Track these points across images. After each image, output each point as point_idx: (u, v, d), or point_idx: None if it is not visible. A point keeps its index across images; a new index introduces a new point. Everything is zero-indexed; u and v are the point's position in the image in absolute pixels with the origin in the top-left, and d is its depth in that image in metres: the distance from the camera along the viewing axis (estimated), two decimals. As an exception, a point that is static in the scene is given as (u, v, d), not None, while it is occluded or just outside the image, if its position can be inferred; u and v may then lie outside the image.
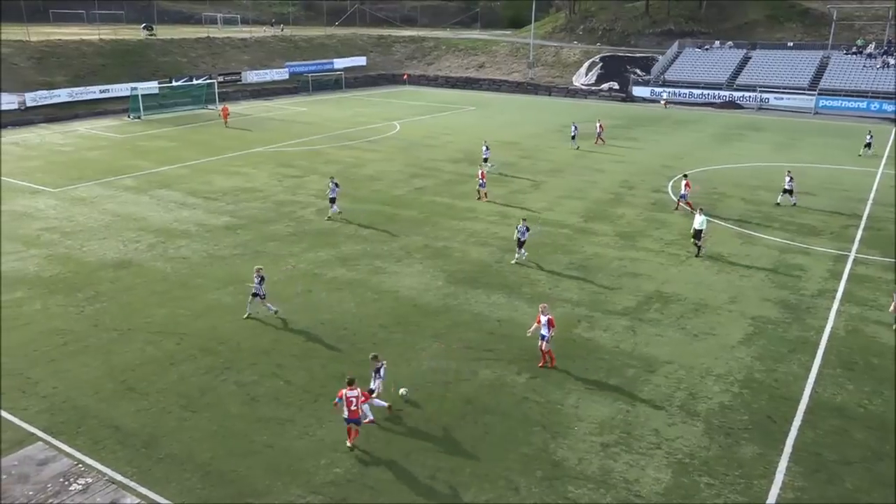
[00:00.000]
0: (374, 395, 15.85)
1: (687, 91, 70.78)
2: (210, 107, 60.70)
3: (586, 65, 79.76)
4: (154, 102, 60.04)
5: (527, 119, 59.43)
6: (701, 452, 14.82)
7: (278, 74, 76.98)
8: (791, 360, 18.77)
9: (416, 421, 15.73)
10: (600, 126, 48.03)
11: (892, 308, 20.54)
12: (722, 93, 69.33)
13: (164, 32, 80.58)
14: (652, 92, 71.89)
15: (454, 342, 19.35)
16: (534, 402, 16.57)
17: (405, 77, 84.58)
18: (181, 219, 30.13)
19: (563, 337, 19.70)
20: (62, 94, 57.96)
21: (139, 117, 56.80)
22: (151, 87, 62.32)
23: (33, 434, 14.97)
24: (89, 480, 12.64)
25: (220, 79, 69.17)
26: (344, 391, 14.57)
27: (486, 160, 39.29)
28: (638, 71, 75.73)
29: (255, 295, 20.52)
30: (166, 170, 39.07)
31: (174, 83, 64.51)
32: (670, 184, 37.18)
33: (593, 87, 75.94)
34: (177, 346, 18.90)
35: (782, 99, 66.55)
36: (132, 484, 13.44)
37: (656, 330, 20.25)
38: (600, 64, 78.63)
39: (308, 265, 24.66)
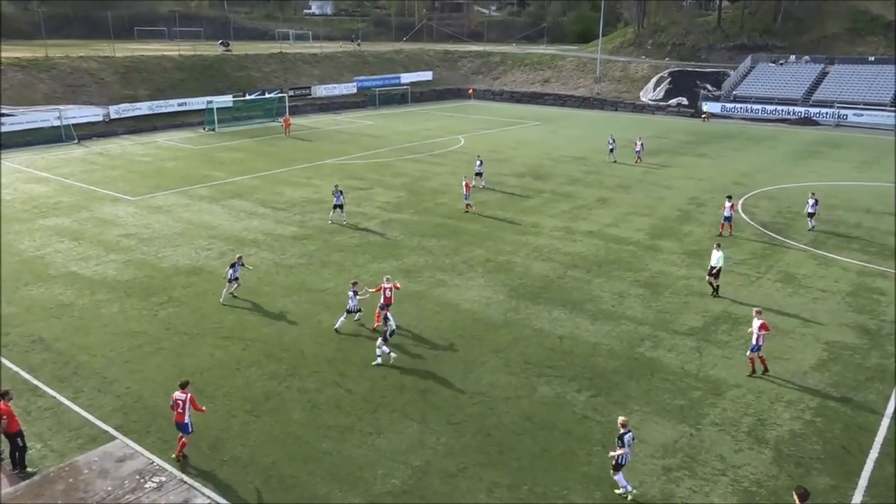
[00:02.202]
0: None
1: (759, 107, 68.76)
2: (279, 119, 62.42)
3: (654, 80, 78.50)
4: (228, 115, 62.15)
5: (593, 134, 58.82)
6: (769, 482, 14.24)
7: (346, 89, 78.57)
8: (868, 388, 17.88)
9: (474, 435, 15.68)
10: (640, 144, 46.91)
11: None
12: (797, 109, 67.07)
13: (240, 48, 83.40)
14: (723, 108, 70.17)
15: (514, 357, 19.23)
16: (594, 421, 16.28)
17: (470, 92, 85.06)
18: (251, 228, 30.99)
19: (626, 356, 19.35)
20: (143, 107, 60.61)
21: (213, 129, 58.86)
22: (226, 100, 64.52)
23: (107, 432, 15.60)
24: (163, 479, 13.14)
25: (291, 93, 71.08)
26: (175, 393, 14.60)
27: (479, 174, 38.68)
28: (708, 86, 74.04)
29: (349, 311, 20.54)
30: (238, 180, 40.32)
31: (248, 97, 66.65)
32: (741, 202, 36.12)
33: (661, 103, 74.66)
34: (243, 352, 19.40)
35: (862, 115, 63.85)
36: (197, 485, 13.83)
37: (724, 352, 19.64)
38: (669, 79, 77.26)
39: (372, 276, 24.96)
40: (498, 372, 18.43)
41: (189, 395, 14.67)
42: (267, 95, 68.00)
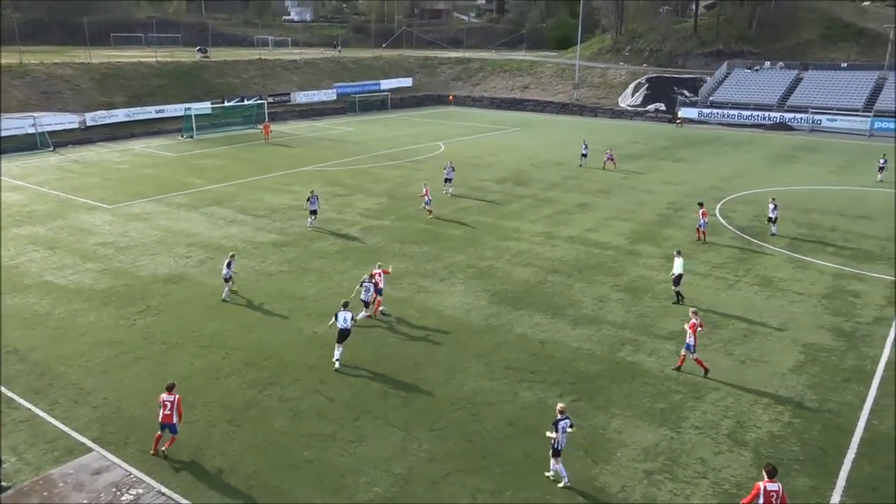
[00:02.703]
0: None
1: (736, 112, 69.67)
2: (258, 126, 62.15)
3: (632, 86, 79.25)
4: (206, 122, 61.73)
5: (572, 140, 59.12)
6: (749, 483, 14.35)
7: (326, 95, 78.43)
8: (845, 389, 18.13)
9: (457, 441, 15.66)
10: (609, 154, 46.66)
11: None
12: (772, 114, 68.04)
13: (218, 55, 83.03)
14: (700, 113, 70.99)
15: (497, 363, 19.25)
16: (576, 425, 16.33)
17: (450, 98, 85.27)
18: (230, 235, 30.77)
19: (607, 360, 19.45)
20: (120, 114, 60.01)
21: (192, 136, 58.43)
22: (205, 107, 64.07)
23: (83, 444, 15.36)
24: (140, 491, 12.96)
25: (271, 99, 70.84)
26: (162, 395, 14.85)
27: (448, 180, 38.57)
28: (685, 92, 74.90)
29: (365, 304, 21.49)
30: (217, 187, 40.04)
31: (226, 103, 66.28)
32: (719, 206, 36.52)
33: (639, 109, 75.37)
34: (223, 360, 19.23)
35: (836, 121, 64.94)
36: (176, 496, 13.66)
37: (703, 355, 19.76)
38: (646, 85, 78.06)
39: (354, 283, 24.86)
40: (480, 377, 18.43)
41: (177, 396, 14.87)
42: (246, 102, 67.70)
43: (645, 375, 18.68)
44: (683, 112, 71.16)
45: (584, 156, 47.33)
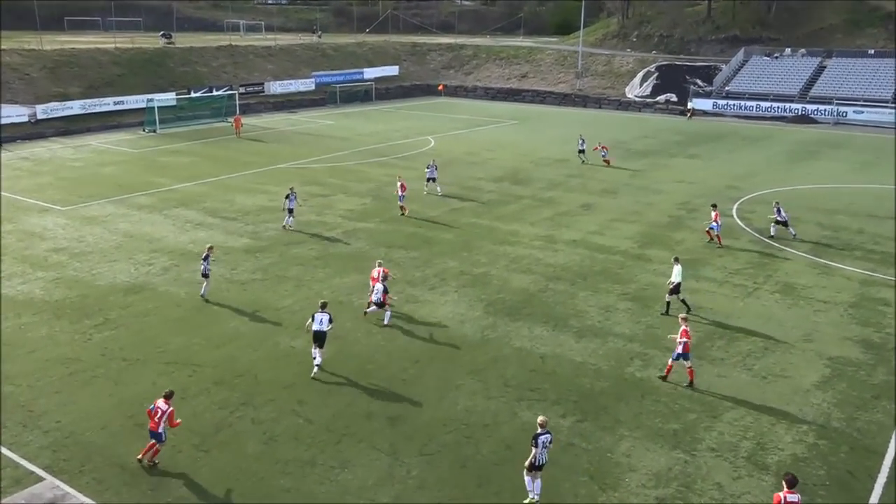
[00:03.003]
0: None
1: (753, 104, 70.12)
2: (229, 119, 62.02)
3: (641, 74, 79.67)
4: (171, 115, 61.59)
5: (575, 134, 59.30)
6: (772, 510, 14.41)
7: (304, 85, 78.45)
8: (875, 407, 18.22)
9: (449, 466, 15.63)
10: (603, 147, 47.05)
11: None
12: (794, 106, 68.52)
13: (184, 41, 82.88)
14: (714, 105, 71.41)
15: (493, 380, 19.24)
16: (581, 448, 16.34)
17: (441, 88, 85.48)
18: (198, 240, 30.65)
19: (614, 376, 19.47)
20: (75, 107, 59.77)
21: (154, 131, 58.26)
22: (169, 98, 63.98)
23: (33, 472, 15.23)
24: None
25: (242, 90, 70.80)
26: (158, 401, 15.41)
27: (431, 180, 38.68)
28: (698, 81, 75.36)
29: (379, 305, 22.34)
30: (183, 187, 39.92)
31: (193, 94, 66.17)
32: (735, 207, 36.71)
33: (648, 100, 75.74)
34: (190, 379, 19.14)
35: (862, 113, 65.45)
36: (139, 529, 13.57)
37: (720, 370, 19.86)
38: (656, 74, 78.50)
39: (334, 292, 24.82)
40: (475, 396, 18.42)
41: (171, 408, 15.33)
42: (215, 93, 67.62)
43: (656, 393, 18.71)
44: (695, 103, 71.55)
45: (582, 151, 47.48)
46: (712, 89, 73.72)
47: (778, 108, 68.91)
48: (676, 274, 23.38)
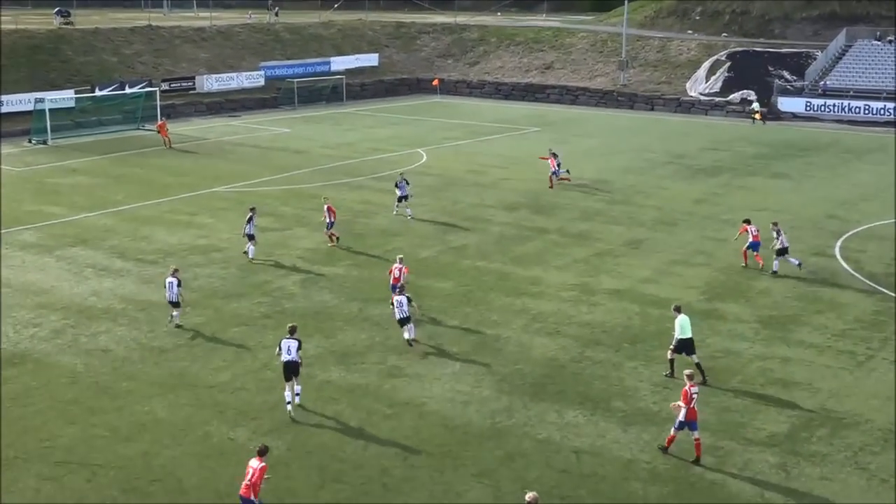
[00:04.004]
0: None
1: (860, 104, 70.63)
2: (148, 126, 62.28)
3: (707, 65, 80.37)
4: (68, 120, 62.01)
5: (619, 145, 59.78)
6: None
7: (249, 80, 79.02)
8: None
9: None
10: (552, 162, 46.96)
11: None
12: (916, 106, 69.07)
13: (86, 20, 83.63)
14: (807, 105, 71.82)
15: (508, 484, 19.05)
16: (632, 581, 16.12)
17: (435, 83, 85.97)
18: (102, 291, 30.57)
19: (676, 478, 19.31)
20: (-64, 109, 60.17)
21: (45, 142, 58.52)
22: (65, 98, 64.29)
23: None
24: None
25: (165, 86, 71.17)
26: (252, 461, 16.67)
27: (404, 198, 40.06)
28: (785, 74, 76.06)
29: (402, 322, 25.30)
30: (83, 219, 39.95)
31: (98, 93, 66.58)
32: (839, 244, 36.76)
33: (718, 98, 76.25)
34: (88, 485, 18.93)
35: None
36: None
37: (823, 470, 19.69)
38: (728, 63, 79.20)
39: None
40: (483, 508, 18.25)
41: (264, 464, 16.69)
42: (128, 90, 67.95)
43: (734, 499, 18.54)
44: (783, 103, 72.12)
45: (557, 170, 46.82)
46: (804, 84, 74.30)
47: (893, 109, 69.40)
48: (682, 328, 24.04)
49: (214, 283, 31.40)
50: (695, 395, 19.84)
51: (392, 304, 26.02)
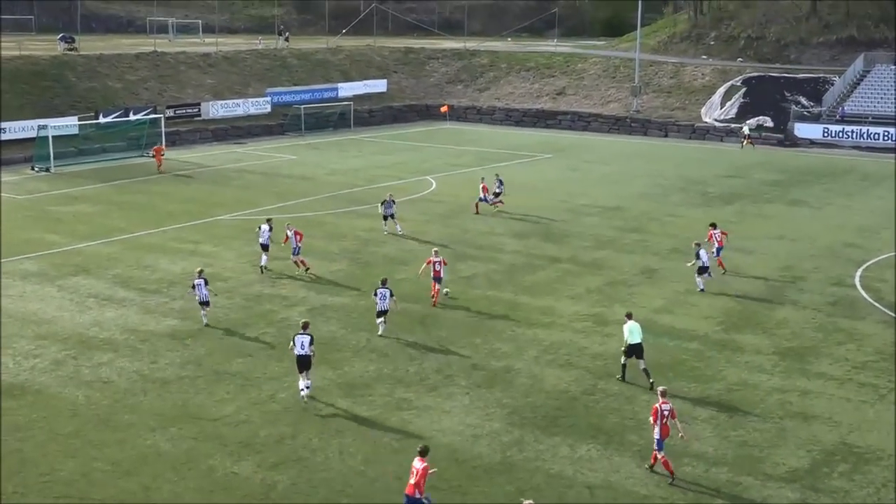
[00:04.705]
0: None
1: (880, 130, 70.68)
2: (150, 153, 62.49)
3: (722, 90, 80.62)
4: (72, 147, 62.35)
5: (633, 172, 59.86)
6: None
7: (256, 106, 79.43)
8: None
9: None
10: (483, 188, 46.99)
11: None
12: (936, 132, 69.06)
13: (91, 45, 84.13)
14: (825, 131, 71.86)
15: (519, 521, 18.93)
16: None
17: (445, 110, 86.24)
18: (104, 321, 30.62)
19: (693, 515, 19.16)
20: (-66, 137, 60.51)
21: (48, 169, 58.79)
22: (69, 125, 64.64)
23: None
24: None
25: (170, 112, 71.54)
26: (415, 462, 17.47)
27: (390, 217, 42.05)
28: (802, 100, 76.22)
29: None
30: (86, 247, 40.10)
31: (102, 120, 66.94)
32: (858, 273, 36.65)
33: (733, 125, 76.36)
34: (88, 520, 18.87)
35: None
36: None
37: (845, 507, 19.55)
38: (743, 89, 79.48)
39: (294, 394, 24.66)
40: (493, 545, 18.14)
41: (426, 464, 17.47)
42: (133, 117, 68.26)
43: (753, 540, 18.40)
44: (800, 129, 72.15)
45: (498, 194, 47.12)
46: (822, 110, 74.41)
47: (914, 135, 69.42)
48: (630, 332, 25.38)
49: (218, 314, 31.40)
50: (666, 412, 20.49)
51: (376, 294, 28.99)
